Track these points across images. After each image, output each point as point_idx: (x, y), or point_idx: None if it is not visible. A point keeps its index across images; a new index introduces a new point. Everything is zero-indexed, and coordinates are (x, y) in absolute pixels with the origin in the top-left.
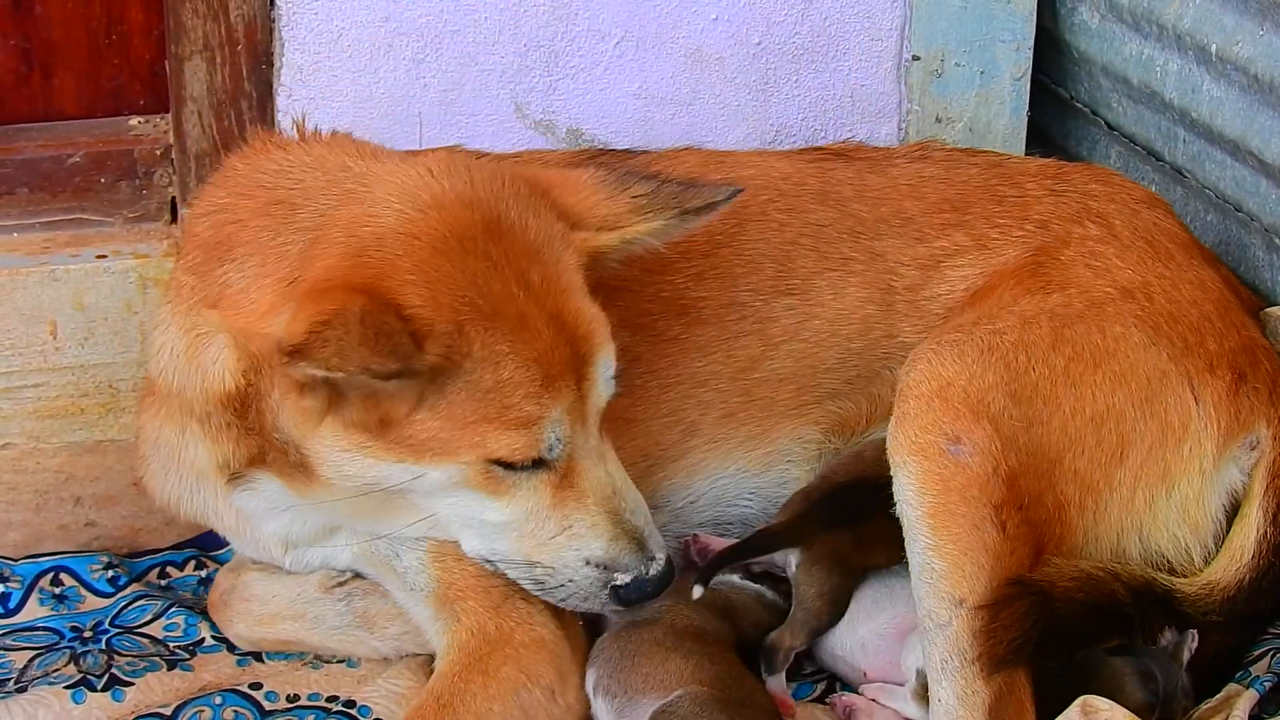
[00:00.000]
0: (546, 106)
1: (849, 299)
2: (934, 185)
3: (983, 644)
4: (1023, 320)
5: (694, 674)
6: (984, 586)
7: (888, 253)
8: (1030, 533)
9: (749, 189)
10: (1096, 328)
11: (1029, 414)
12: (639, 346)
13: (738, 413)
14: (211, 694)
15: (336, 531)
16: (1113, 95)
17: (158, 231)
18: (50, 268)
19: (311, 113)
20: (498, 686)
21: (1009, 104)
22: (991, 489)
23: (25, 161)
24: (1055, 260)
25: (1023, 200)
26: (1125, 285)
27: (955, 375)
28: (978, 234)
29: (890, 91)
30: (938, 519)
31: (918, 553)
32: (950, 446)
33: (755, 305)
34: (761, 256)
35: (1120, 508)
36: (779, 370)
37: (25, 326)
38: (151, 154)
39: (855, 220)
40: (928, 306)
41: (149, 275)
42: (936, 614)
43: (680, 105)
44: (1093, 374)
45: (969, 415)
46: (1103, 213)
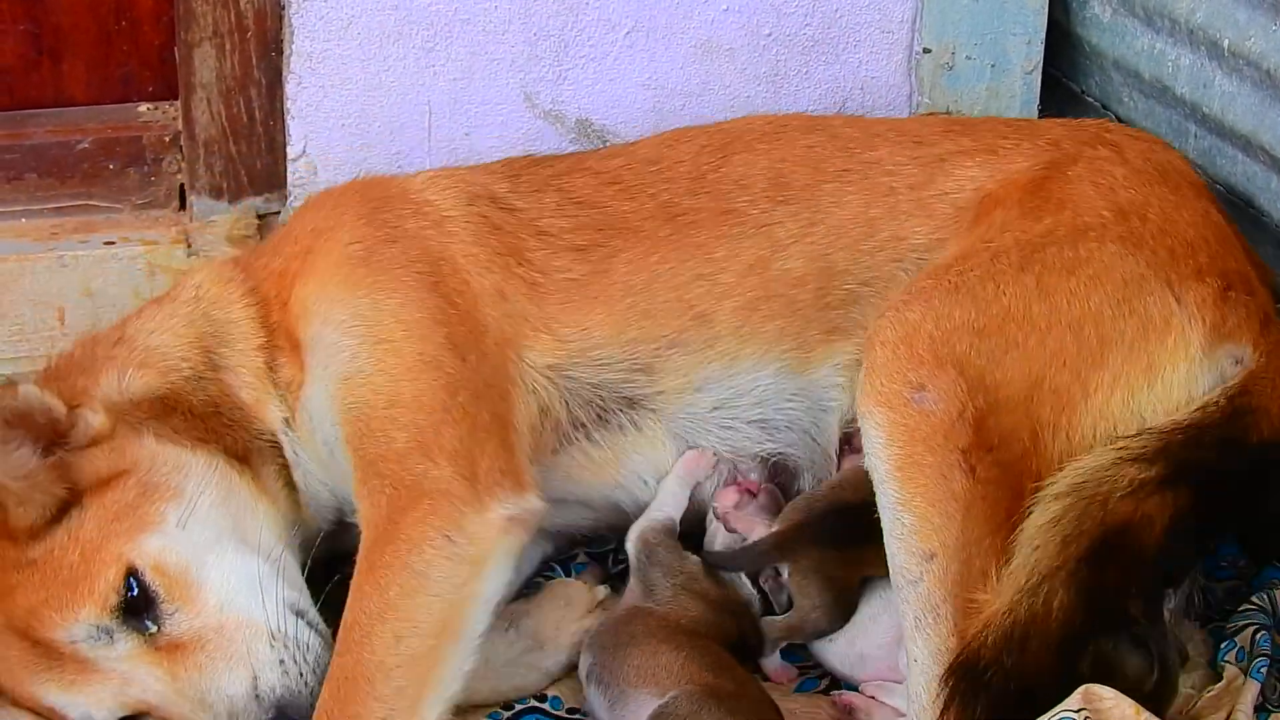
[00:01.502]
0: (556, 96)
1: (851, 205)
2: (942, 118)
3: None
4: (992, 254)
5: (684, 668)
6: (954, 538)
7: (883, 159)
8: (1004, 475)
9: (730, 133)
10: (1069, 246)
11: (1000, 343)
12: (615, 242)
13: (759, 307)
14: None
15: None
16: (1124, 90)
17: (166, 218)
18: (58, 254)
19: (320, 102)
20: (387, 572)
21: (1020, 97)
22: (958, 434)
23: (34, 147)
24: (1062, 175)
25: (1034, 126)
26: (1123, 206)
27: (921, 320)
28: (986, 143)
29: (901, 84)
30: (904, 471)
31: (887, 508)
32: (914, 395)
33: (753, 214)
34: (752, 175)
35: (1095, 415)
36: (792, 270)
37: (33, 312)
38: (160, 141)
39: (845, 140)
40: (935, 205)
41: (157, 262)
42: (908, 570)
43: (690, 96)
44: (1065, 281)
45: (932, 360)
46: (1117, 142)
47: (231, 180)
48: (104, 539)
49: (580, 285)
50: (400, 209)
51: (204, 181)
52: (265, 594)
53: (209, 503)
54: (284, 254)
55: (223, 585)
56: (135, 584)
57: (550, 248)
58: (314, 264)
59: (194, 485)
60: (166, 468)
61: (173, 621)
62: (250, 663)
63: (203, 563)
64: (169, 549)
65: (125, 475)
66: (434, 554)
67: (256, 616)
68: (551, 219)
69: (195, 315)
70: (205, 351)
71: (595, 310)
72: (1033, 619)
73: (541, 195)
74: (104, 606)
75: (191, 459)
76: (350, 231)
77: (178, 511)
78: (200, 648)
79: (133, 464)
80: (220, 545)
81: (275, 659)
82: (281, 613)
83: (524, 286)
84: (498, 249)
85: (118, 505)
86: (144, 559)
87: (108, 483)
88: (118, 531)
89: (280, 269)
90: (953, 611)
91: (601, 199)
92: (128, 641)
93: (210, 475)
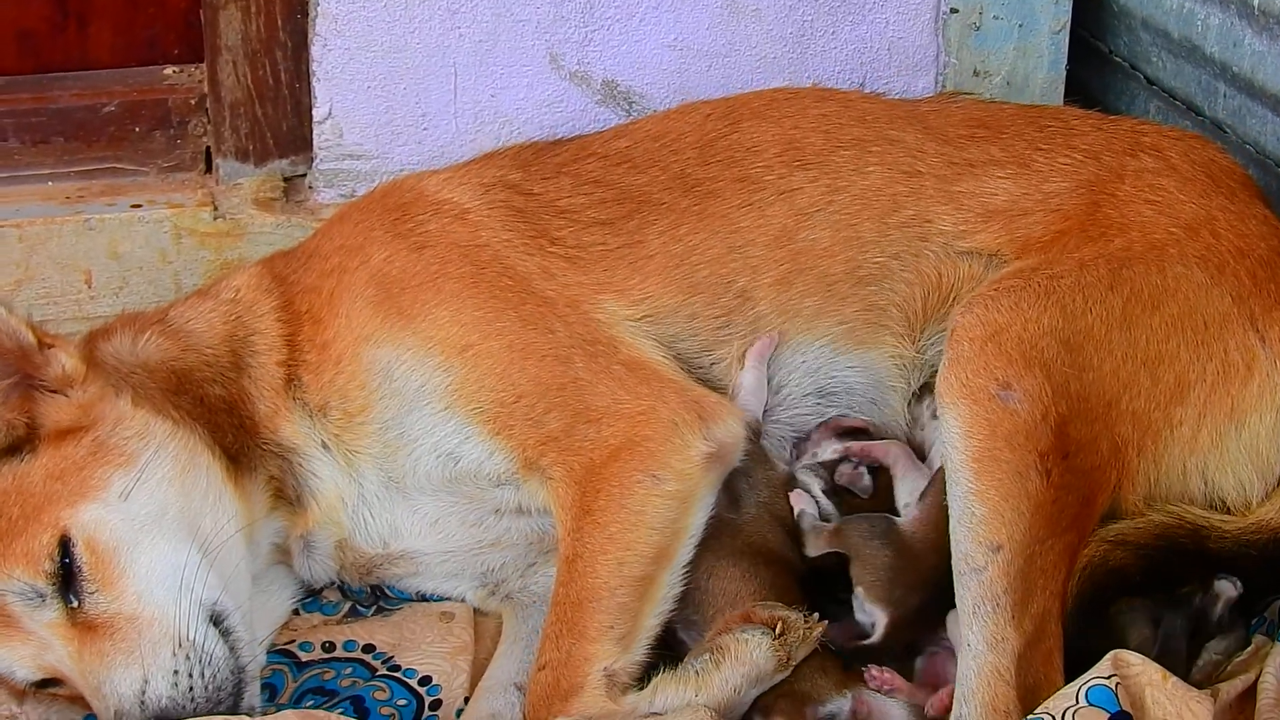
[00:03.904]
0: (582, 58)
1: (873, 176)
2: (962, 110)
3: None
4: (1080, 264)
5: (741, 599)
6: (1021, 534)
7: (906, 140)
8: (1077, 481)
9: (737, 101)
10: (1156, 268)
11: (1081, 359)
12: (640, 214)
13: (794, 281)
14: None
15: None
16: (1153, 49)
17: (192, 181)
18: (85, 217)
19: (346, 64)
20: (605, 514)
21: (1047, 57)
22: (1039, 436)
23: (60, 111)
24: (1112, 198)
25: (1067, 130)
26: (1189, 221)
27: (1010, 321)
28: (1017, 152)
29: (928, 44)
30: (981, 464)
31: (958, 497)
32: (1000, 392)
33: (770, 179)
34: (763, 141)
35: (1183, 447)
36: (819, 240)
37: (60, 275)
38: (186, 103)
39: (862, 111)
40: (965, 201)
41: (183, 225)
42: (973, 558)
43: (716, 57)
44: (1149, 317)
45: (1021, 361)
46: (1156, 145)
47: (257, 143)
48: (46, 499)
49: (619, 255)
50: (420, 213)
51: (230, 144)
52: (188, 591)
53: (160, 476)
54: (315, 270)
55: (147, 575)
56: (65, 555)
57: (576, 224)
58: (350, 284)
59: (150, 455)
60: (128, 432)
61: (91, 601)
62: (145, 665)
63: (134, 544)
64: (104, 524)
65: (84, 431)
66: (644, 493)
67: (169, 616)
68: (569, 199)
69: (230, 316)
70: (233, 352)
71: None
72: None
73: (555, 180)
74: (37, 571)
75: (160, 428)
76: (380, 248)
77: (124, 480)
78: (109, 635)
79: (95, 421)
80: (158, 527)
81: (171, 669)
82: (196, 616)
83: (564, 262)
84: (527, 232)
85: (67, 462)
86: (79, 530)
87: (66, 435)
88: (60, 494)
89: (312, 285)
90: (1012, 604)
91: (614, 177)
92: (55, 609)
93: (173, 448)
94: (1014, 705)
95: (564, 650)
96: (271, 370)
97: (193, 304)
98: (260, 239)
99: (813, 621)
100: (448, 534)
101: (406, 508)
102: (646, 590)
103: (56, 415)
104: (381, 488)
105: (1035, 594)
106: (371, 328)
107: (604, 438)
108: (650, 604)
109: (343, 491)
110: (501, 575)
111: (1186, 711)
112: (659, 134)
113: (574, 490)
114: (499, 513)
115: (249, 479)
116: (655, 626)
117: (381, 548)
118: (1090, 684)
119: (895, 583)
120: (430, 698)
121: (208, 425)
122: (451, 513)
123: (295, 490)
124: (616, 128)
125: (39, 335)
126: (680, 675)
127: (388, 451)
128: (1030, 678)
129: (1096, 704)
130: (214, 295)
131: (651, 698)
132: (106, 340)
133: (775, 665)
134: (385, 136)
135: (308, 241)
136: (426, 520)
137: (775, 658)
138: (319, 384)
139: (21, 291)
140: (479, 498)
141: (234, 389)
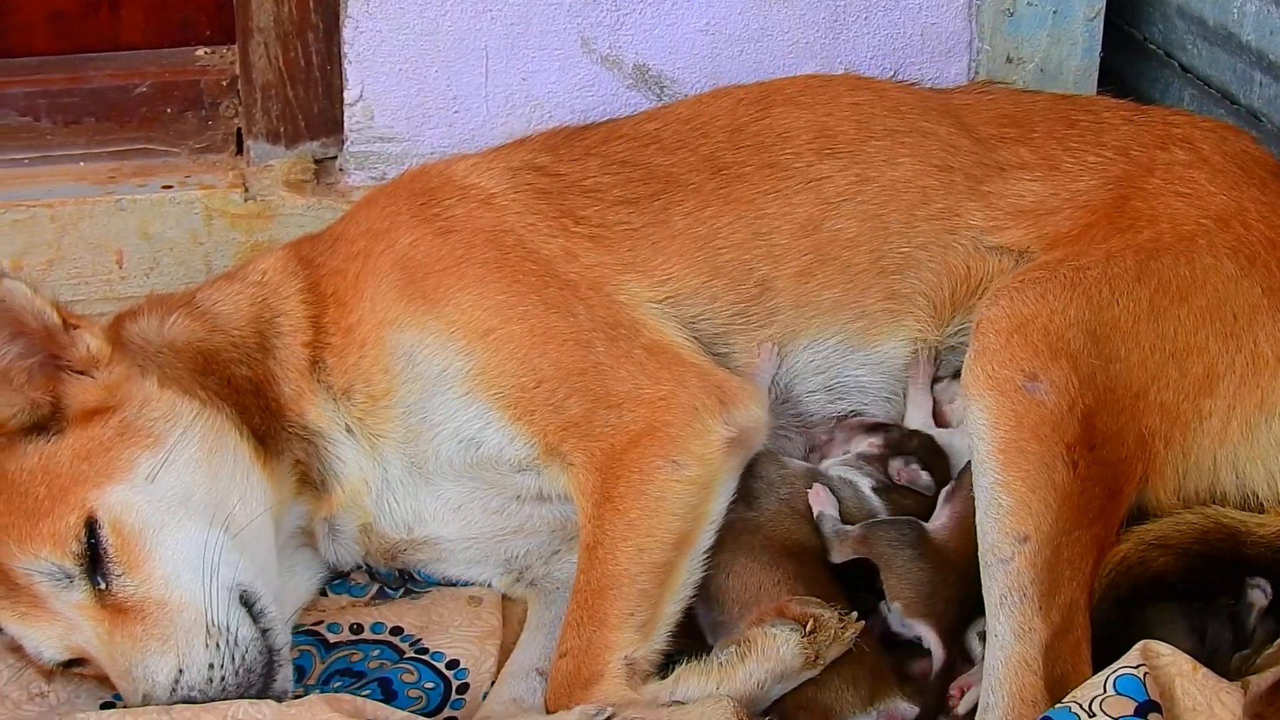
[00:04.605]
0: (613, 41)
1: (903, 168)
2: (994, 103)
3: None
4: (1108, 255)
5: (768, 593)
6: (1049, 525)
7: (939, 134)
8: (1104, 472)
9: (769, 87)
10: (1185, 259)
11: (1108, 351)
12: (666, 195)
13: (816, 272)
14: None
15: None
16: (1187, 37)
17: (223, 163)
18: (116, 197)
19: (378, 47)
20: (625, 500)
21: (1081, 45)
22: (1065, 427)
23: (92, 91)
24: (1140, 191)
25: (1098, 125)
26: (1219, 213)
27: (1036, 312)
28: (1047, 153)
29: (961, 30)
30: (1008, 455)
31: (985, 487)
32: (1026, 383)
33: (799, 166)
34: (795, 128)
35: (1213, 439)
36: (845, 230)
37: (92, 256)
38: (218, 85)
39: (896, 102)
40: (995, 200)
41: (214, 206)
42: (999, 549)
43: (749, 42)
44: (1177, 308)
45: (1047, 353)
46: (1188, 138)
47: (288, 125)
48: (73, 479)
49: (643, 234)
50: (446, 198)
51: (261, 126)
52: (215, 574)
53: (187, 458)
54: (341, 253)
55: (173, 558)
56: (92, 537)
57: (601, 203)
58: (375, 268)
59: (177, 436)
60: (156, 413)
61: (119, 583)
62: (181, 655)
63: (160, 526)
64: (131, 506)
65: (110, 412)
66: (665, 479)
67: (198, 600)
68: (596, 178)
69: (257, 298)
70: (259, 333)
71: (671, 260)
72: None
73: (583, 161)
74: (65, 552)
75: (187, 409)
76: (405, 233)
77: (150, 462)
78: (140, 619)
79: (122, 401)
80: (185, 508)
81: (205, 661)
82: (226, 600)
83: (587, 242)
84: (551, 213)
85: (94, 443)
86: (105, 512)
87: (93, 415)
88: (87, 474)
89: (338, 268)
90: (1039, 594)
91: (642, 158)
92: (83, 591)
93: (200, 429)
94: (1041, 695)
95: (585, 638)
96: (297, 352)
97: (219, 286)
98: (291, 221)
99: (848, 621)
100: (470, 520)
101: (430, 493)
102: (667, 577)
103: (83, 396)
104: (405, 473)
105: (1062, 585)
106: (395, 312)
107: (624, 423)
108: (671, 591)
109: (367, 476)
110: (525, 562)
111: (1216, 702)
112: (690, 117)
113: (594, 476)
114: (521, 499)
115: (276, 461)
116: (676, 614)
117: (405, 533)
118: (1119, 673)
119: (936, 596)
120: (458, 681)
121: (235, 406)
122: (474, 499)
123: (320, 474)
124: (647, 111)
125: (64, 316)
126: (703, 666)
127: (410, 436)
128: (1058, 668)
129: (1124, 693)
130: (241, 278)
131: (673, 687)
132: (133, 321)
133: (803, 663)
134: (416, 120)
135: (335, 225)
136: (449, 506)
137: (803, 655)
138: (343, 367)
139: (53, 271)
140: (501, 484)
141: (260, 370)
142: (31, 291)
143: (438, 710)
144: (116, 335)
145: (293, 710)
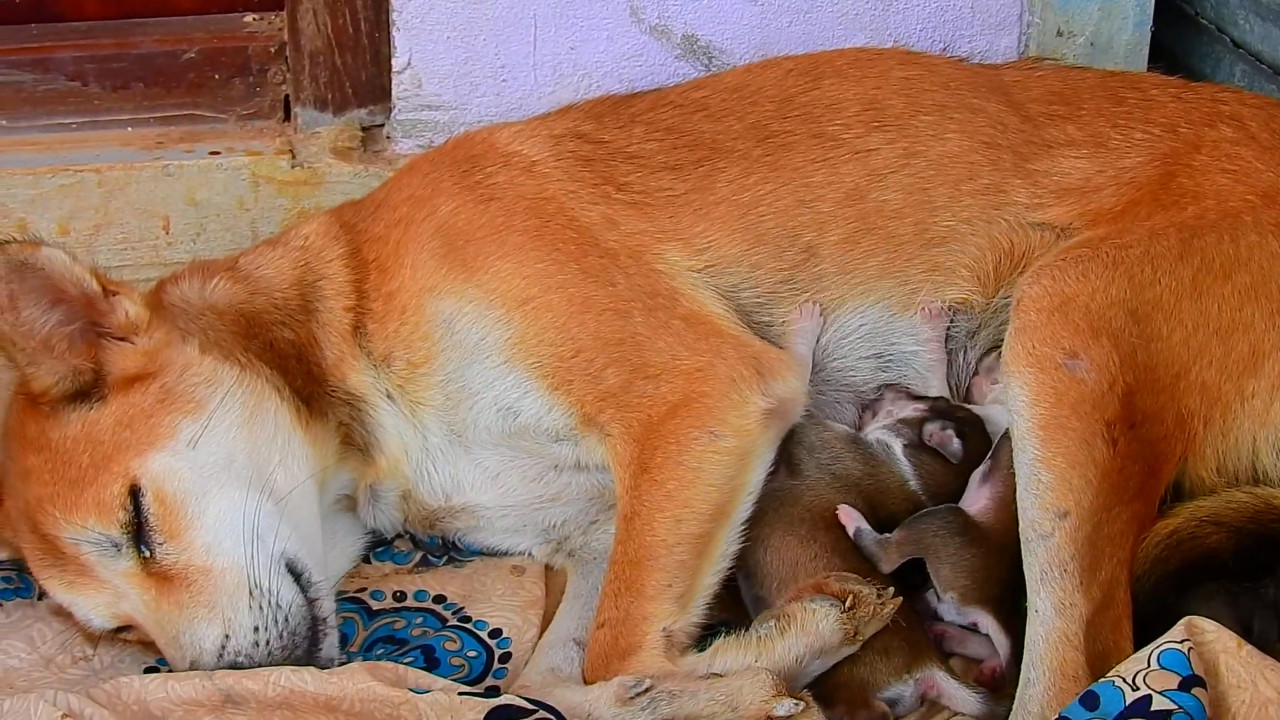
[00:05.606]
0: (662, 11)
1: (951, 143)
2: (1043, 80)
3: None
4: (1150, 233)
5: (804, 567)
6: (1089, 501)
7: (988, 111)
8: (1144, 450)
9: (820, 59)
10: (1229, 236)
11: (1150, 330)
12: (710, 161)
13: (860, 240)
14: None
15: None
16: (1240, 12)
17: (270, 129)
18: (164, 163)
19: (426, 14)
20: (662, 471)
21: (1132, 18)
22: (1106, 405)
23: (141, 56)
24: (1187, 168)
25: (1145, 102)
26: (1266, 190)
27: (1078, 291)
28: (1094, 131)
29: (1011, 3)
30: (1048, 431)
31: (1025, 464)
32: (1067, 361)
33: (847, 138)
34: (844, 99)
35: (1254, 420)
36: (890, 201)
37: (139, 221)
38: (266, 51)
39: (946, 77)
40: (1041, 179)
41: (261, 173)
42: (1040, 524)
43: (798, 13)
44: (1220, 286)
45: (1088, 331)
46: (1236, 115)
47: (336, 92)
48: (115, 447)
49: (685, 201)
50: (489, 165)
51: (309, 93)
52: (258, 540)
53: (228, 423)
54: (383, 220)
55: (215, 525)
56: (136, 505)
57: (644, 170)
58: (417, 235)
59: (218, 401)
60: (196, 379)
61: (162, 551)
62: (227, 621)
63: (203, 493)
64: (173, 474)
65: (151, 378)
66: (702, 450)
67: (240, 565)
68: (640, 145)
69: (299, 261)
70: (302, 296)
71: (714, 227)
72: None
73: (628, 128)
74: (111, 521)
75: (228, 374)
76: (447, 200)
77: (192, 427)
78: (186, 586)
79: (163, 367)
80: (227, 474)
81: (251, 624)
82: (270, 565)
83: (628, 209)
84: (593, 180)
85: (135, 409)
86: (148, 480)
87: (134, 382)
88: (129, 442)
89: (380, 235)
90: (1080, 570)
91: (688, 125)
92: (130, 559)
93: (241, 394)
94: (1083, 670)
95: (622, 609)
96: (339, 315)
97: (262, 251)
98: (337, 188)
99: (886, 598)
100: (508, 488)
101: (468, 461)
102: (705, 548)
103: (123, 362)
104: (444, 440)
105: (1103, 561)
106: (435, 279)
107: (662, 394)
108: (708, 562)
109: (407, 443)
110: (564, 532)
111: (1261, 679)
112: (738, 86)
113: (632, 447)
114: (558, 468)
115: (320, 424)
116: (713, 585)
117: (444, 500)
118: (1163, 648)
119: (990, 581)
120: (500, 650)
121: (278, 370)
122: (512, 467)
123: (364, 440)
124: (695, 80)
125: (103, 282)
126: (742, 639)
127: (450, 404)
128: (1099, 644)
129: (1168, 667)
130: (283, 243)
131: (711, 659)
132: (175, 285)
133: (841, 639)
134: (464, 88)
135: (377, 191)
136: (488, 474)
137: (842, 631)
138: (384, 333)
139: (100, 236)
140: (538, 452)
141: (303, 333)
142: (70, 259)
143: (480, 679)
144: (157, 301)
145: (334, 678)
